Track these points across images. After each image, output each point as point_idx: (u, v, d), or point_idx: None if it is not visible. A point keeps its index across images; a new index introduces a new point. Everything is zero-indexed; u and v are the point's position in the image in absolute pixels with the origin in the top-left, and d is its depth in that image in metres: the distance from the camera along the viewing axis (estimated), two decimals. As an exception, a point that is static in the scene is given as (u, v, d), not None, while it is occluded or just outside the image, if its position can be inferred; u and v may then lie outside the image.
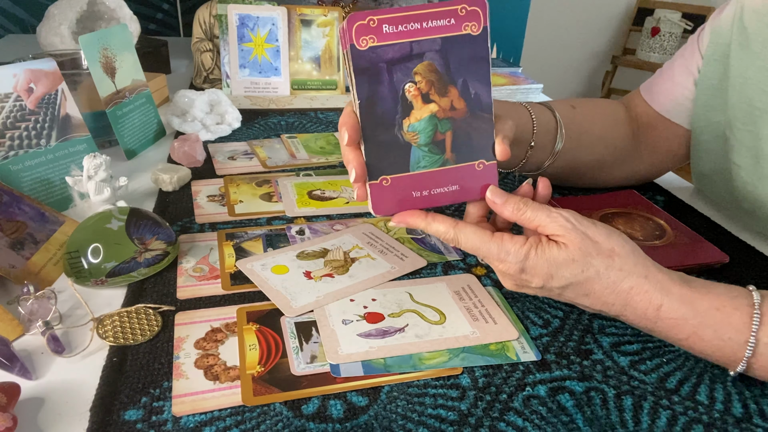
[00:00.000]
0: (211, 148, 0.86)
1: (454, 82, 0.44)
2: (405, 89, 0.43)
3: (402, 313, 0.52)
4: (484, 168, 0.46)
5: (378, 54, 0.42)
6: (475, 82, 0.44)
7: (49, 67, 0.68)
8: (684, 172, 0.84)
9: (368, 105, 0.43)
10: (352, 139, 0.44)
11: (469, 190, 0.47)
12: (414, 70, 0.43)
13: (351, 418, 0.42)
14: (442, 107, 0.44)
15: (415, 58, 0.43)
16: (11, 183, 0.63)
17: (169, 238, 0.59)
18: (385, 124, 0.44)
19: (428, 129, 0.44)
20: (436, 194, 0.46)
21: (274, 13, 1.08)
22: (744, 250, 0.64)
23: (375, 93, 0.43)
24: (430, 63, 0.43)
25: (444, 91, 0.44)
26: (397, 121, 0.44)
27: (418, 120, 0.44)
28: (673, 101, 0.71)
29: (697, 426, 0.42)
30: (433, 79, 0.43)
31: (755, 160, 0.61)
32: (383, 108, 0.43)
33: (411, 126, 0.44)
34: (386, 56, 0.42)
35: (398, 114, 0.44)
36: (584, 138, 0.68)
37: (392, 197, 0.46)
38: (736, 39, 0.63)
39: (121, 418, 0.40)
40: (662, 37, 2.93)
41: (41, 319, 0.48)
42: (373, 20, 0.41)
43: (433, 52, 0.43)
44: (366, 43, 0.41)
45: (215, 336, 0.48)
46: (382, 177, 0.45)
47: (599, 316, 0.53)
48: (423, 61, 0.43)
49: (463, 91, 0.44)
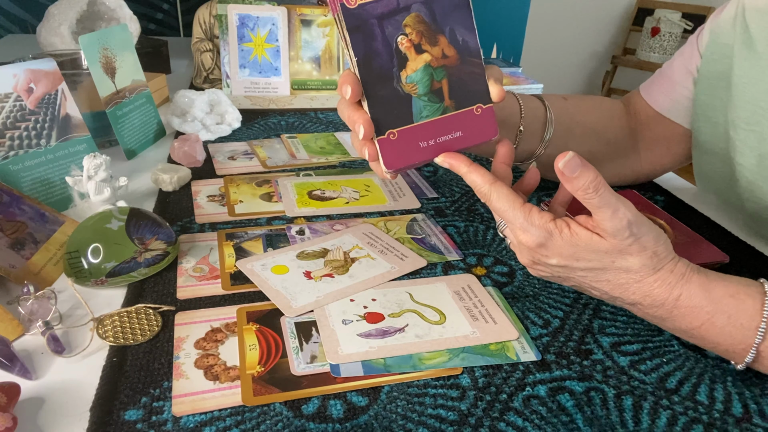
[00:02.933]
0: (211, 148, 0.86)
1: (442, 30, 0.46)
2: (398, 42, 0.45)
3: (402, 313, 0.52)
4: (483, 111, 0.48)
5: (367, 10, 0.44)
6: (461, 28, 0.46)
7: (49, 67, 0.68)
8: (684, 172, 0.84)
9: (365, 61, 0.45)
10: (355, 93, 0.45)
11: (472, 135, 0.48)
12: (403, 22, 0.45)
13: (351, 418, 0.42)
14: (435, 56, 0.46)
15: (403, 10, 0.45)
16: (11, 183, 0.63)
17: (169, 238, 0.59)
18: (383, 79, 0.46)
19: (425, 78, 0.46)
20: (441, 142, 0.48)
21: (274, 13, 1.08)
22: (744, 250, 0.64)
23: (370, 49, 0.45)
24: (417, 14, 0.45)
25: (434, 40, 0.46)
26: (395, 73, 0.46)
27: (415, 71, 0.46)
28: (672, 100, 0.71)
29: (697, 426, 0.42)
30: (422, 29, 0.46)
31: (759, 160, 0.61)
32: (380, 62, 0.45)
33: (408, 77, 0.46)
34: (375, 12, 0.44)
35: (395, 67, 0.46)
36: (576, 128, 0.68)
37: (401, 150, 0.47)
38: (739, 39, 0.63)
39: (121, 418, 0.40)
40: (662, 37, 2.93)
41: (41, 319, 0.48)
42: None
43: (419, 3, 0.45)
44: (355, 1, 0.44)
45: (215, 336, 0.48)
46: (389, 131, 0.46)
47: (599, 316, 0.53)
48: (410, 13, 0.45)
49: (452, 38, 0.46)
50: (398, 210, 0.71)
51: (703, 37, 0.68)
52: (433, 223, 0.68)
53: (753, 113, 0.61)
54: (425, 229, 0.67)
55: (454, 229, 0.67)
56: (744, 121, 0.62)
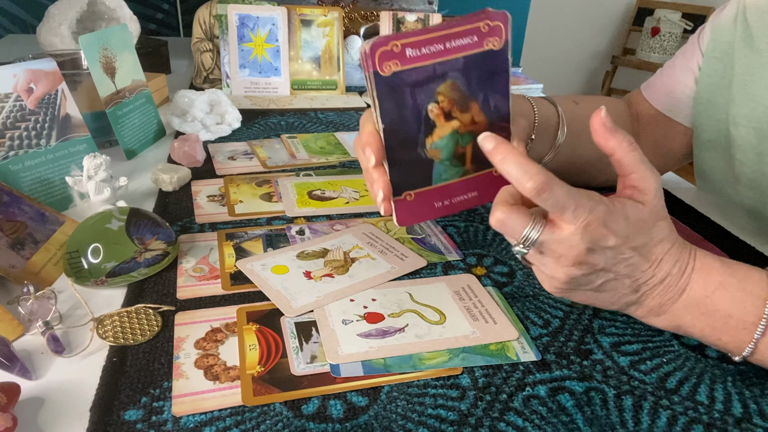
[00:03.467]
0: (211, 148, 0.86)
1: (476, 97, 0.44)
2: (428, 109, 0.43)
3: (402, 313, 0.52)
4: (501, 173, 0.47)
5: (401, 78, 0.41)
6: (496, 95, 0.44)
7: (49, 67, 0.68)
8: (684, 172, 0.84)
9: (392, 128, 0.43)
10: (378, 160, 0.44)
11: (487, 194, 0.48)
12: (437, 89, 0.43)
13: (351, 418, 0.42)
14: (463, 123, 0.44)
15: (438, 78, 0.42)
16: (11, 183, 0.63)
17: (169, 238, 0.59)
18: (408, 145, 0.44)
19: (450, 144, 0.45)
20: (456, 202, 0.48)
21: (274, 13, 1.08)
22: (744, 250, 0.64)
23: (399, 116, 0.43)
24: (453, 82, 0.43)
25: (466, 107, 0.44)
26: (420, 140, 0.44)
27: (441, 138, 0.44)
28: (673, 99, 0.71)
29: (697, 426, 0.42)
30: (455, 97, 0.43)
31: (759, 157, 0.62)
32: (407, 129, 0.43)
33: (434, 144, 0.44)
34: (409, 79, 0.42)
35: (421, 133, 0.44)
36: (585, 133, 0.68)
37: (415, 209, 0.47)
38: (739, 36, 0.63)
39: (121, 418, 0.40)
40: (662, 37, 2.93)
41: (41, 319, 0.48)
42: (396, 45, 0.41)
43: (456, 71, 0.42)
44: (389, 68, 0.41)
45: (215, 336, 0.48)
46: (406, 193, 0.46)
47: (599, 316, 0.53)
48: (446, 81, 0.42)
49: (484, 105, 0.44)
50: (398, 210, 0.71)
51: (704, 36, 0.68)
52: (433, 223, 0.68)
53: (754, 110, 0.62)
54: (425, 229, 0.67)
55: (454, 229, 0.67)
56: (745, 118, 0.63)
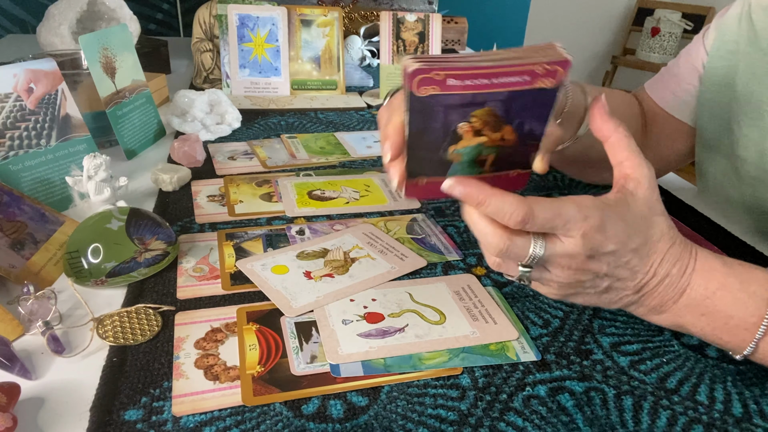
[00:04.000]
0: (211, 148, 0.86)
1: (511, 122, 0.41)
2: (458, 126, 0.41)
3: (402, 313, 0.52)
4: (518, 175, 0.45)
5: (437, 100, 0.39)
6: (534, 121, 0.41)
7: (49, 67, 0.68)
8: (684, 172, 0.84)
9: (418, 135, 0.41)
10: (395, 158, 0.43)
11: None
12: (472, 113, 0.40)
13: (351, 418, 0.42)
14: (492, 139, 0.42)
15: (476, 105, 0.39)
16: (11, 183, 0.63)
17: (169, 238, 0.59)
18: (431, 149, 0.42)
19: (473, 152, 0.42)
20: None
21: (274, 13, 1.08)
22: (744, 250, 0.64)
23: (427, 127, 0.40)
24: (491, 109, 0.40)
25: (498, 128, 0.41)
26: (444, 146, 0.42)
27: (465, 147, 0.42)
28: (677, 98, 0.71)
29: (697, 426, 0.42)
30: (489, 120, 0.41)
31: (761, 156, 0.62)
32: (432, 137, 0.41)
33: (456, 150, 0.42)
34: (445, 102, 0.39)
35: (446, 143, 0.42)
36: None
37: (425, 190, 0.45)
38: (744, 35, 0.64)
39: (121, 418, 0.40)
40: (662, 37, 2.92)
41: (41, 319, 0.48)
42: (438, 74, 0.38)
43: (497, 101, 0.39)
44: (426, 91, 0.38)
45: (215, 336, 0.48)
46: (420, 178, 0.44)
47: (599, 316, 0.53)
48: (484, 107, 0.40)
49: (518, 127, 0.41)
50: (398, 210, 0.71)
51: (709, 35, 0.69)
52: (433, 223, 0.68)
53: (757, 109, 0.62)
54: (425, 229, 0.67)
55: (454, 229, 0.67)
56: (748, 116, 0.63)
